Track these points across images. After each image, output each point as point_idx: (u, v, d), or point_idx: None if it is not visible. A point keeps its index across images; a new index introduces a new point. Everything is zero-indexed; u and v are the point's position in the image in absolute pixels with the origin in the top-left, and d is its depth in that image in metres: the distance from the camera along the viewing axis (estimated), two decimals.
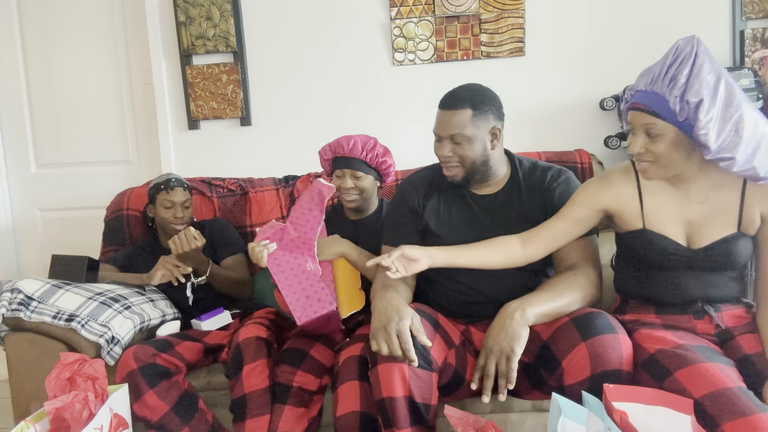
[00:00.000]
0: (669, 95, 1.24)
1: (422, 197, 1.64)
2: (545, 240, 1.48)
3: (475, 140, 1.50)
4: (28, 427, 1.20)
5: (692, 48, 1.26)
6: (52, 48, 2.67)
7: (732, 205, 1.35)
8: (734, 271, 1.39)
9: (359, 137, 1.81)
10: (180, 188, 2.05)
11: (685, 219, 1.38)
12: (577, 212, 1.46)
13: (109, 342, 1.71)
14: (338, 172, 1.82)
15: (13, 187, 2.78)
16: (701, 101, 1.20)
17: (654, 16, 2.36)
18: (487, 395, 1.32)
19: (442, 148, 1.54)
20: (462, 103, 1.49)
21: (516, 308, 1.36)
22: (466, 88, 1.54)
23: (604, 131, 2.39)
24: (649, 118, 1.28)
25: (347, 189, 1.80)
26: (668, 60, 1.27)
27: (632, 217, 1.42)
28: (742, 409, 1.09)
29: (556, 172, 1.59)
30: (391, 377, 1.31)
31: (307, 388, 1.58)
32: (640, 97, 1.30)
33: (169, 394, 1.60)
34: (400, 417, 1.31)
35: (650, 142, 1.29)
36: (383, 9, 2.44)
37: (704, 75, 1.22)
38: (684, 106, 1.22)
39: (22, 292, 1.75)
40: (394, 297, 1.40)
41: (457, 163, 1.53)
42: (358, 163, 1.79)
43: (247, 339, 1.60)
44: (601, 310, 1.38)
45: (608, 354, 1.26)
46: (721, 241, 1.35)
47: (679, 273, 1.39)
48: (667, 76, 1.25)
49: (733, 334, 1.38)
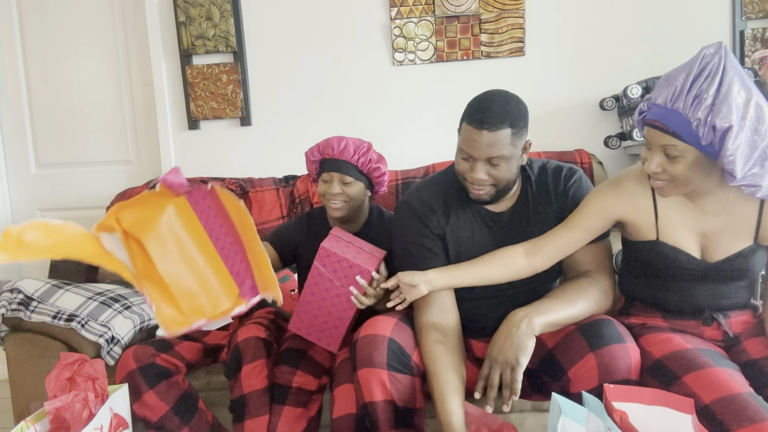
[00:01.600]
0: (692, 117, 1.12)
1: (442, 219, 1.48)
2: (553, 250, 1.39)
3: (512, 160, 1.36)
4: (28, 427, 1.20)
5: (720, 60, 1.12)
6: (52, 48, 2.66)
7: (749, 217, 1.28)
8: (747, 280, 1.34)
9: (352, 139, 1.66)
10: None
11: (701, 231, 1.31)
12: (589, 222, 1.37)
13: (109, 342, 1.71)
14: (325, 176, 1.65)
15: (13, 187, 2.78)
16: (729, 128, 1.08)
17: (654, 16, 2.36)
18: (491, 405, 1.27)
19: (475, 171, 1.36)
20: (502, 122, 1.31)
21: (523, 317, 1.30)
22: (500, 102, 1.34)
23: (604, 131, 2.39)
24: (668, 138, 1.17)
25: (334, 195, 1.63)
26: (693, 72, 1.13)
27: (646, 227, 1.35)
28: (752, 415, 1.07)
29: (567, 172, 1.49)
30: (370, 383, 1.31)
31: (306, 388, 1.58)
32: (659, 114, 1.17)
33: (169, 394, 1.59)
34: (382, 420, 1.31)
35: (668, 162, 1.19)
36: (383, 9, 2.43)
37: (734, 95, 1.09)
38: (708, 132, 1.11)
39: (22, 292, 1.76)
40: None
41: (491, 186, 1.39)
42: (349, 167, 1.63)
43: (246, 339, 1.59)
44: (608, 317, 1.34)
45: (617, 364, 1.23)
46: (737, 255, 1.29)
47: (691, 284, 1.34)
48: (691, 93, 1.12)
49: (739, 339, 1.36)
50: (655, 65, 2.30)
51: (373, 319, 1.40)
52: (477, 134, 1.33)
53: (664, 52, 2.34)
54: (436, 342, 1.37)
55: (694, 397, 1.14)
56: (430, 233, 1.47)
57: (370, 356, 1.32)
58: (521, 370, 1.26)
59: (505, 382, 1.27)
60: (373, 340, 1.33)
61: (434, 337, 1.37)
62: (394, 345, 1.33)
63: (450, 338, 1.39)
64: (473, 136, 1.34)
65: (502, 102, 1.34)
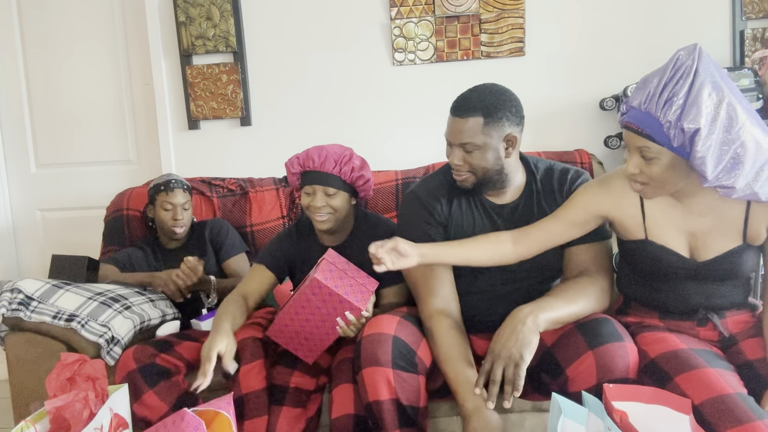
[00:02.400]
0: (663, 119, 1.15)
1: (446, 208, 1.53)
2: (538, 240, 1.42)
3: (487, 149, 1.40)
4: (28, 427, 1.20)
5: (693, 62, 1.15)
6: (52, 48, 2.66)
7: (737, 217, 1.28)
8: (739, 279, 1.35)
9: (332, 148, 1.65)
10: (180, 189, 2.04)
11: (688, 231, 1.32)
12: (572, 215, 1.40)
13: (109, 342, 1.71)
14: (308, 189, 1.65)
15: (13, 187, 2.78)
16: (698, 130, 1.11)
17: (654, 16, 2.36)
18: (492, 401, 1.27)
19: (452, 155, 1.45)
20: (473, 110, 1.39)
21: (528, 313, 1.31)
22: (480, 91, 1.42)
23: (604, 131, 2.39)
24: (642, 140, 1.19)
25: (318, 208, 1.63)
26: (666, 75, 1.16)
27: (634, 227, 1.37)
28: (740, 416, 1.08)
29: (574, 173, 1.52)
30: (375, 382, 1.31)
31: (304, 388, 1.58)
32: (634, 117, 1.21)
33: (169, 394, 1.59)
34: (387, 420, 1.31)
35: (645, 164, 1.22)
36: (383, 9, 2.43)
37: (704, 98, 1.12)
38: (678, 134, 1.14)
39: (22, 292, 1.75)
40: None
41: (468, 172, 1.45)
42: (331, 179, 1.63)
43: (244, 339, 1.59)
44: (607, 316, 1.35)
45: (615, 363, 1.24)
46: (726, 254, 1.30)
47: (682, 283, 1.35)
48: (662, 96, 1.15)
49: (736, 340, 1.36)
50: (655, 65, 2.28)
51: (377, 317, 1.41)
52: (451, 120, 1.44)
53: (664, 52, 2.32)
54: (450, 328, 1.40)
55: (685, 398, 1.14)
56: (434, 221, 1.51)
57: (375, 355, 1.32)
58: (524, 366, 1.26)
59: (508, 378, 1.26)
60: (378, 338, 1.34)
61: (448, 323, 1.40)
62: (399, 343, 1.33)
63: (461, 326, 1.43)
64: (449, 122, 1.45)
65: (482, 92, 1.42)
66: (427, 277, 1.47)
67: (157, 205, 2.04)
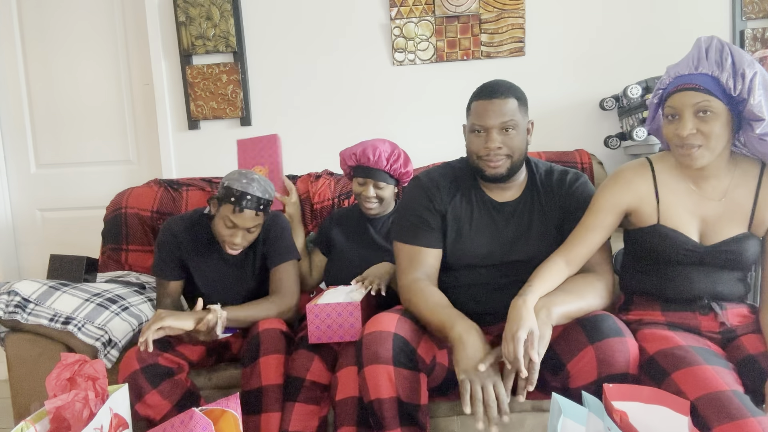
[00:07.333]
0: (721, 73, 1.26)
1: (446, 198, 1.54)
2: (586, 255, 1.44)
3: (521, 130, 1.46)
4: (28, 427, 1.20)
5: (719, 40, 1.29)
6: (52, 48, 2.66)
7: (746, 204, 1.35)
8: (741, 271, 1.39)
9: (383, 147, 1.83)
10: (251, 212, 1.69)
11: (700, 216, 1.38)
12: (603, 220, 1.42)
13: (105, 345, 1.70)
14: (360, 180, 1.87)
15: (13, 187, 2.78)
16: (755, 74, 1.24)
17: (654, 16, 2.36)
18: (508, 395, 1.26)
19: (490, 140, 1.43)
20: (508, 92, 1.45)
21: (541, 307, 1.31)
22: (502, 81, 1.49)
23: (604, 131, 2.39)
24: (702, 96, 1.26)
25: (369, 198, 1.85)
26: (702, 48, 1.28)
27: (648, 213, 1.41)
28: (733, 413, 1.09)
29: (573, 175, 1.55)
30: (377, 379, 1.31)
31: (320, 382, 1.57)
32: (688, 79, 1.29)
33: (172, 393, 1.59)
34: (389, 418, 1.32)
35: (701, 122, 1.27)
36: (383, 9, 2.43)
37: (745, 54, 1.26)
38: (738, 81, 1.24)
39: (18, 295, 1.74)
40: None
41: (505, 156, 1.45)
42: (382, 175, 1.84)
43: (267, 330, 1.58)
44: (607, 313, 1.36)
45: (615, 357, 1.25)
46: (731, 240, 1.35)
47: (688, 268, 1.39)
48: (710, 58, 1.27)
49: (736, 334, 1.37)
50: (655, 65, 2.29)
51: (377, 315, 1.42)
52: (489, 103, 1.44)
53: (664, 52, 2.34)
54: (429, 284, 1.46)
55: (681, 395, 1.16)
56: (433, 208, 1.53)
57: (376, 353, 1.32)
58: (539, 360, 1.24)
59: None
60: (379, 336, 1.34)
61: (426, 282, 1.46)
62: (399, 340, 1.34)
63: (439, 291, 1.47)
64: (485, 106, 1.44)
65: (504, 82, 1.49)
66: (412, 257, 1.52)
67: (220, 214, 1.71)
